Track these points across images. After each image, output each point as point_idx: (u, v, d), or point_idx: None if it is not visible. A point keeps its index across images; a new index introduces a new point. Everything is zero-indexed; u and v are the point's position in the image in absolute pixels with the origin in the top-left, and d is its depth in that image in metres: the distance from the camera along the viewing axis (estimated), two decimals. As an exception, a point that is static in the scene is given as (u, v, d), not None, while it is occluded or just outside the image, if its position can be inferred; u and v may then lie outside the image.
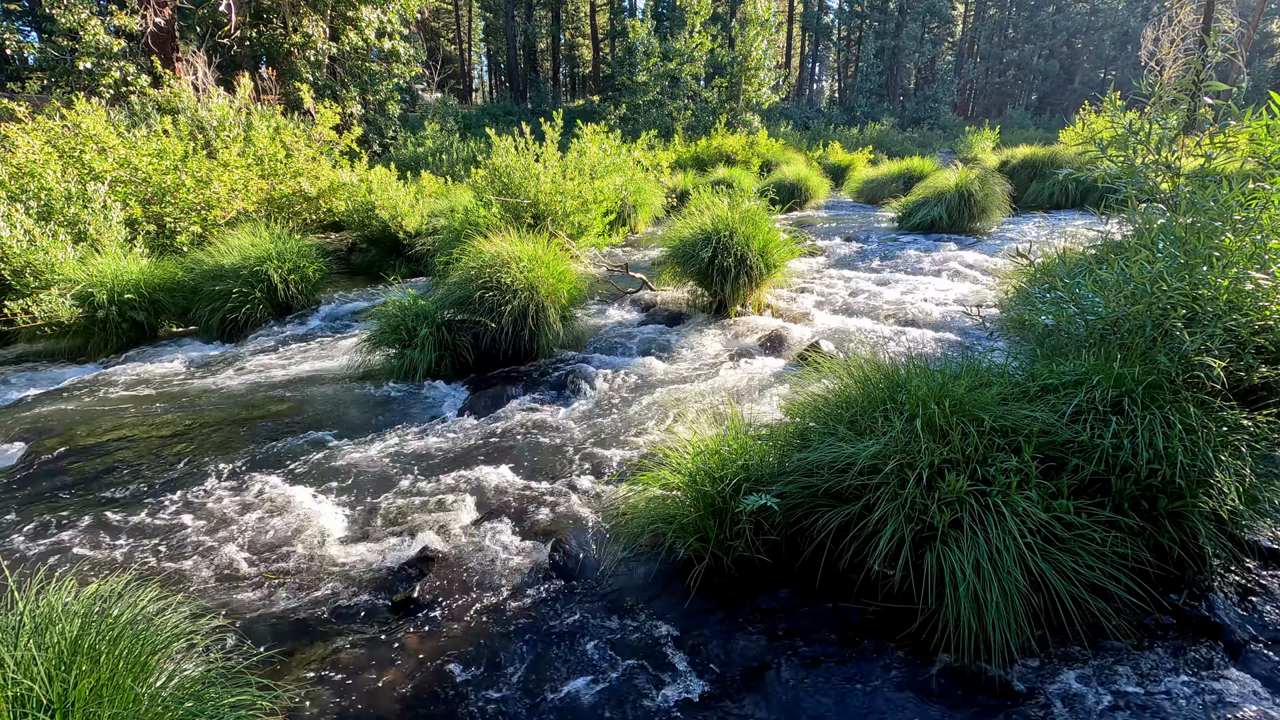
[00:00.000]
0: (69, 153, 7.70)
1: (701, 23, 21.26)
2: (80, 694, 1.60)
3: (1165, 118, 3.03)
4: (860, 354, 3.18)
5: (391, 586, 2.82)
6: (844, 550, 2.52)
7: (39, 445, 4.24)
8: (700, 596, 2.66)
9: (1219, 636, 2.35)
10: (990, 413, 2.54)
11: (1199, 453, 2.36)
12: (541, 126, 8.14)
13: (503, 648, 2.47)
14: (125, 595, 1.94)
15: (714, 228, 6.25)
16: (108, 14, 12.71)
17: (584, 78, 47.23)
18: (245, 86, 10.11)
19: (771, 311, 6.55)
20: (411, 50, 17.29)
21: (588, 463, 3.80)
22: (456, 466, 3.81)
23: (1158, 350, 2.72)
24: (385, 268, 9.04)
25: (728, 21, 29.88)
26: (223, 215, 8.42)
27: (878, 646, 2.40)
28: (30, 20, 22.05)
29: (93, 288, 6.22)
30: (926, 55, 43.26)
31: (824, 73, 59.34)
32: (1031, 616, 2.21)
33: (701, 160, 17.33)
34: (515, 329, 5.39)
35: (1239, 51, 4.89)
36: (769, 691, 2.25)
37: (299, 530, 3.22)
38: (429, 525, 3.22)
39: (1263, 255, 2.61)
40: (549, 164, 7.90)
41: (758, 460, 2.78)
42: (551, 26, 40.13)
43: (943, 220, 10.51)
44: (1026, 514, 2.25)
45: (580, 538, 3.08)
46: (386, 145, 17.35)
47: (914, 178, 14.42)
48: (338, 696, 2.26)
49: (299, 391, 5.16)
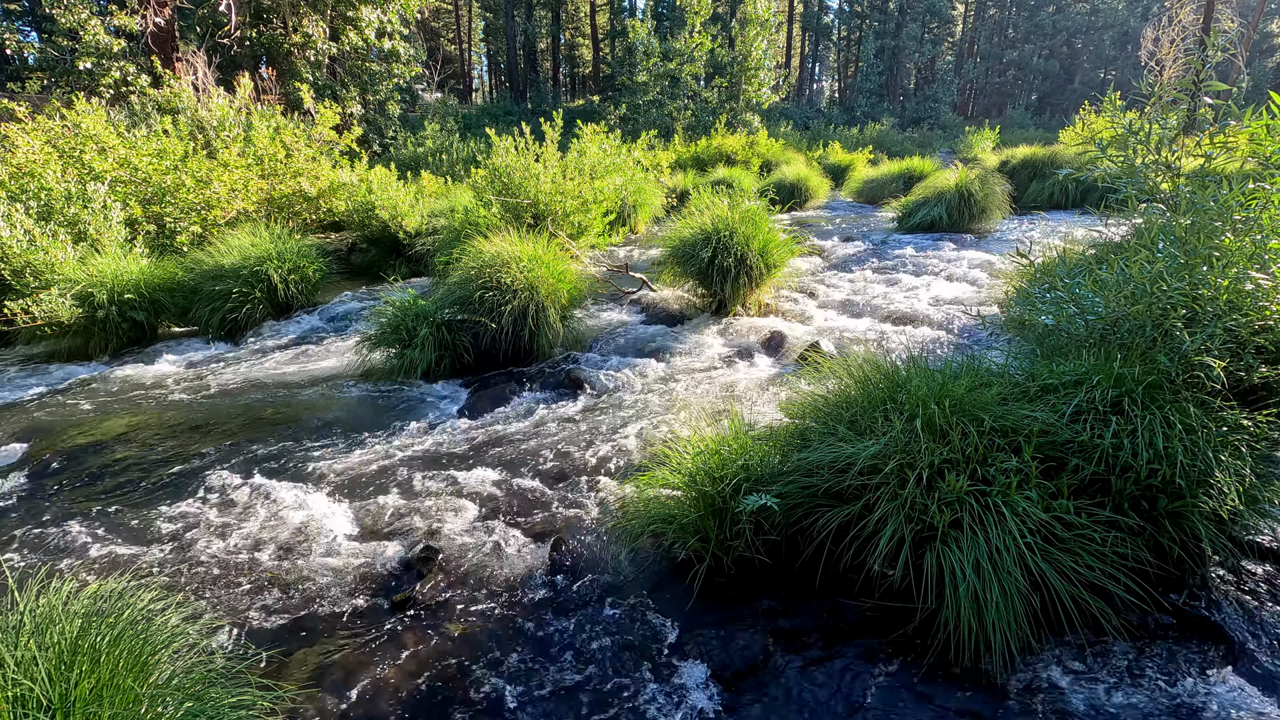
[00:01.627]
0: (69, 153, 7.70)
1: (701, 23, 21.25)
2: (80, 694, 1.60)
3: (1165, 118, 3.03)
4: (860, 354, 3.18)
5: (391, 586, 2.82)
6: (844, 550, 2.52)
7: (39, 445, 4.24)
8: (700, 596, 2.66)
9: (1219, 636, 2.35)
10: (990, 413, 2.54)
11: (1199, 453, 2.36)
12: (541, 126, 8.14)
13: (503, 647, 2.47)
14: (125, 595, 1.94)
15: (714, 228, 6.25)
16: (108, 14, 12.71)
17: (584, 78, 47.23)
18: (245, 86, 10.11)
19: (771, 311, 6.55)
20: (411, 50, 17.29)
21: (587, 462, 3.80)
22: (456, 466, 3.82)
23: (1158, 350, 2.72)
24: (385, 268, 9.05)
25: (728, 21, 29.87)
26: (223, 215, 8.42)
27: (878, 646, 2.40)
28: (30, 20, 22.04)
29: (93, 288, 6.22)
30: (926, 55, 43.28)
31: (824, 73, 59.35)
32: (1031, 616, 2.21)
33: (701, 160, 17.33)
34: (515, 329, 5.39)
35: (1239, 51, 4.89)
36: (769, 691, 2.25)
37: (299, 530, 3.22)
38: (429, 525, 3.22)
39: (1263, 255, 2.61)
40: (549, 164, 7.90)
41: (758, 460, 2.78)
42: (551, 26, 40.12)
43: (943, 220, 10.51)
44: (1026, 514, 2.25)
45: (580, 537, 3.08)
46: (386, 145, 17.35)
47: (914, 178, 14.42)
48: (338, 696, 2.26)
49: (299, 391, 5.16)
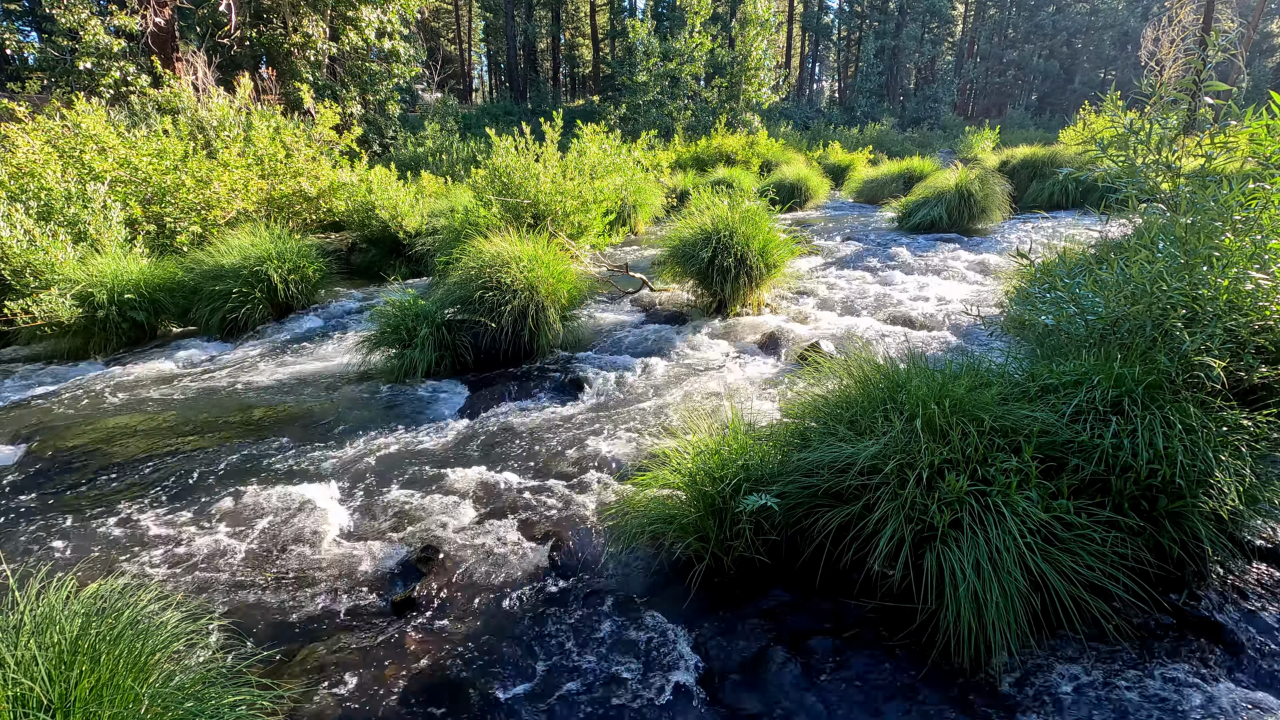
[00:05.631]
0: (69, 153, 7.69)
1: (701, 23, 21.24)
2: (80, 694, 1.60)
3: (1165, 117, 3.03)
4: (860, 354, 3.18)
5: (391, 586, 2.82)
6: (844, 550, 2.52)
7: (39, 445, 4.24)
8: (700, 596, 2.66)
9: (1219, 636, 2.35)
10: (990, 413, 2.54)
11: (1199, 453, 2.36)
12: (541, 126, 8.13)
13: (503, 647, 2.47)
14: (125, 595, 1.94)
15: (714, 228, 6.25)
16: (108, 14, 12.70)
17: (584, 78, 47.23)
18: (245, 86, 10.11)
19: (771, 311, 6.55)
20: (411, 50, 17.28)
21: (587, 462, 3.80)
22: (456, 466, 3.82)
23: (1158, 350, 2.72)
24: (385, 268, 9.05)
25: (728, 21, 29.85)
26: (223, 215, 8.42)
27: (878, 646, 2.40)
28: (30, 20, 22.06)
29: (93, 288, 6.22)
30: (926, 55, 43.28)
31: (824, 73, 59.32)
32: (1031, 616, 2.21)
33: (701, 160, 17.31)
34: (515, 329, 5.39)
35: (1239, 51, 4.91)
36: (769, 691, 2.25)
37: (299, 530, 3.22)
38: (429, 525, 3.22)
39: (1263, 255, 2.61)
40: (549, 164, 7.89)
41: (758, 460, 2.78)
42: (551, 26, 40.12)
43: (943, 220, 10.51)
44: (1026, 514, 2.25)
45: (580, 537, 3.08)
46: (386, 145, 17.34)
47: (914, 178, 14.42)
48: (338, 696, 2.26)
49: (299, 391, 5.16)
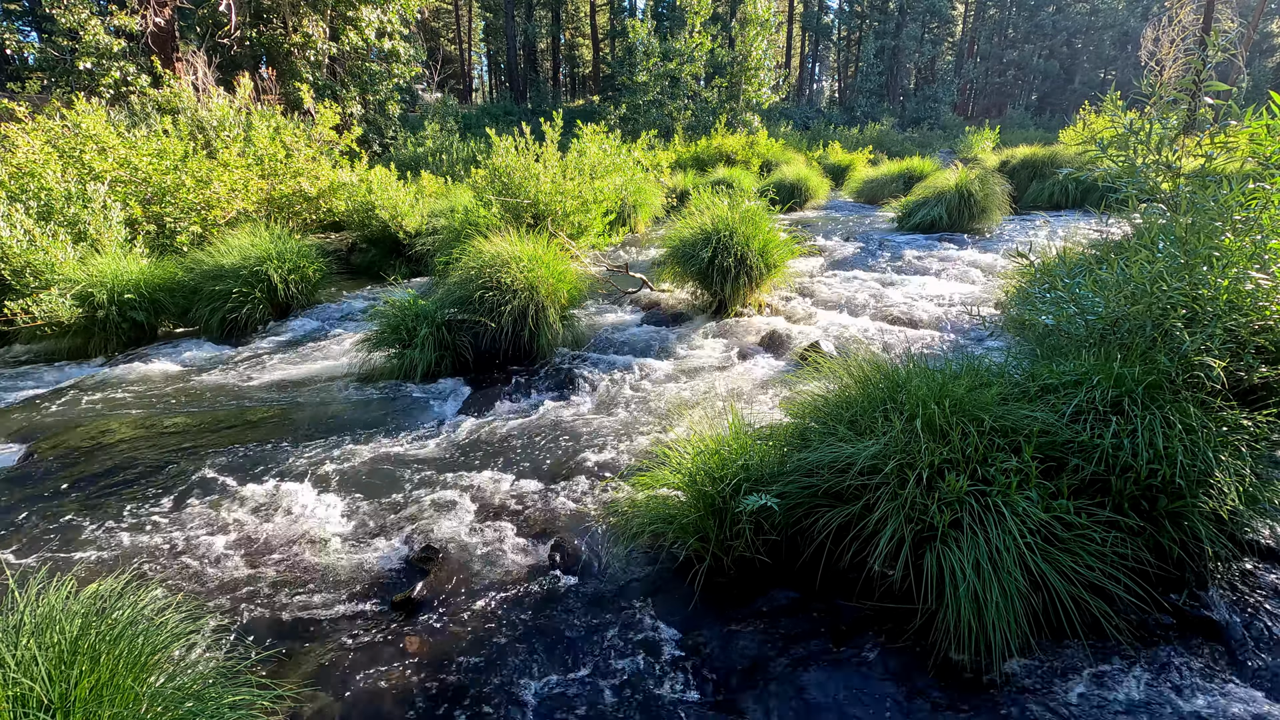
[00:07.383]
0: (69, 153, 7.70)
1: (701, 23, 21.24)
2: (80, 694, 1.60)
3: (1165, 117, 3.03)
4: (860, 354, 3.18)
5: (391, 586, 2.82)
6: (844, 550, 2.52)
7: (39, 445, 4.24)
8: (701, 596, 2.66)
9: (1219, 636, 2.35)
10: (990, 413, 2.54)
11: (1199, 453, 2.36)
12: (541, 126, 8.14)
13: (503, 647, 2.47)
14: (125, 595, 1.94)
15: (714, 228, 6.25)
16: (108, 14, 12.70)
17: (584, 78, 47.22)
18: (245, 86, 10.11)
19: (771, 311, 6.55)
20: (411, 50, 17.29)
21: (588, 462, 3.80)
22: (456, 466, 3.81)
23: (1158, 350, 2.72)
24: (385, 268, 9.05)
25: (728, 21, 29.84)
26: (223, 215, 8.42)
27: (878, 646, 2.40)
28: (30, 20, 22.06)
29: (93, 288, 6.22)
30: (926, 55, 43.29)
31: (824, 73, 59.33)
32: (1031, 616, 2.21)
33: (701, 160, 17.32)
34: (515, 329, 5.39)
35: (1239, 51, 4.90)
36: (769, 691, 2.25)
37: (299, 530, 3.22)
38: (429, 525, 3.22)
39: (1263, 255, 2.61)
40: (549, 164, 7.90)
41: (758, 460, 2.78)
42: (551, 26, 40.11)
43: (943, 220, 10.51)
44: (1026, 514, 2.25)
45: (580, 538, 3.08)
46: (386, 145, 17.35)
47: (914, 178, 14.41)
48: (338, 696, 2.26)
49: (299, 391, 5.16)
